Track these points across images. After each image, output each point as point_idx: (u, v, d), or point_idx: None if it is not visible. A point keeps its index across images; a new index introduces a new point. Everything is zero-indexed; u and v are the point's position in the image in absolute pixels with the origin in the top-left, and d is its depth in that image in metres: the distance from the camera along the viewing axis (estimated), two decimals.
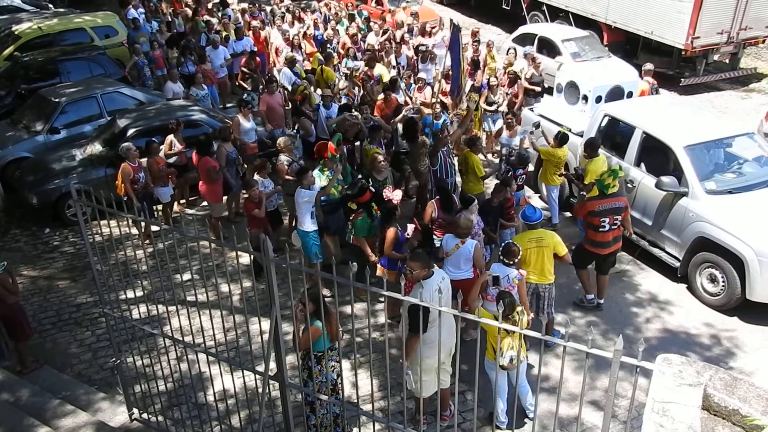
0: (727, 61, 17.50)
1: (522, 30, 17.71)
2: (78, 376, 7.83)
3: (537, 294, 7.69)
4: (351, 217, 8.63)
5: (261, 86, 14.67)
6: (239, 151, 11.01)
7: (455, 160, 10.16)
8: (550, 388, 7.48)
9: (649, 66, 13.29)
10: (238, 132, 11.17)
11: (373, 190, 8.59)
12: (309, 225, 8.67)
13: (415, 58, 15.07)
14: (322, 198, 9.16)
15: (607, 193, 8.25)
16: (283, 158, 9.84)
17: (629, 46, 17.88)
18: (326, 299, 5.24)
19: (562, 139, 10.13)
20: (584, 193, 9.07)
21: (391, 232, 7.98)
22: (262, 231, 8.62)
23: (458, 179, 10.40)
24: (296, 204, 8.67)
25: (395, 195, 8.65)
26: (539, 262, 7.57)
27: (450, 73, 11.84)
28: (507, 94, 13.24)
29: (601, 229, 8.30)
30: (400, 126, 11.02)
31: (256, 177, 9.49)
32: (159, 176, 10.11)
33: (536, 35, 16.76)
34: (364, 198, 8.46)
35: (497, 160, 12.00)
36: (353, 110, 11.41)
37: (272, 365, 5.28)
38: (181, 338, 5.81)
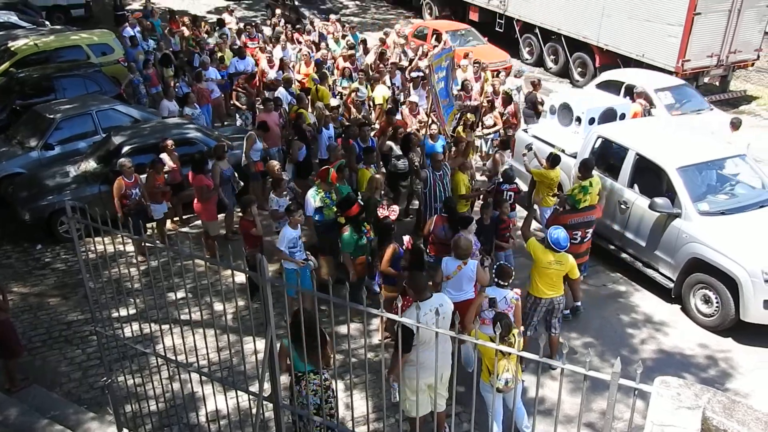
0: (717, 83, 17.68)
1: (606, 76, 15.34)
2: (67, 395, 7.73)
3: (552, 307, 7.72)
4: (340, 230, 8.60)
5: (255, 105, 14.74)
6: (247, 169, 11.13)
7: (448, 183, 10.11)
8: (546, 410, 7.44)
9: (642, 88, 13.39)
10: (250, 150, 11.22)
11: (362, 203, 8.50)
12: (289, 263, 8.31)
13: (409, 82, 15.18)
14: (317, 218, 9.14)
15: (578, 208, 8.55)
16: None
17: (620, 68, 18.03)
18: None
19: (554, 160, 10.16)
20: (558, 207, 9.26)
21: (389, 249, 7.96)
22: (258, 251, 8.57)
23: None
24: (279, 240, 8.39)
25: (392, 211, 8.63)
26: (556, 280, 7.65)
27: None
28: (503, 114, 13.35)
29: (572, 242, 8.44)
30: (396, 147, 10.99)
31: (272, 195, 9.42)
32: (153, 192, 10.08)
33: (623, 83, 14.45)
34: (352, 212, 8.41)
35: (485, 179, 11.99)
36: (350, 131, 11.46)
37: (266, 386, 5.24)
38: (173, 357, 5.76)
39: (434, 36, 19.60)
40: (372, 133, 11.74)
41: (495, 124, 13.12)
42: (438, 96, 11.20)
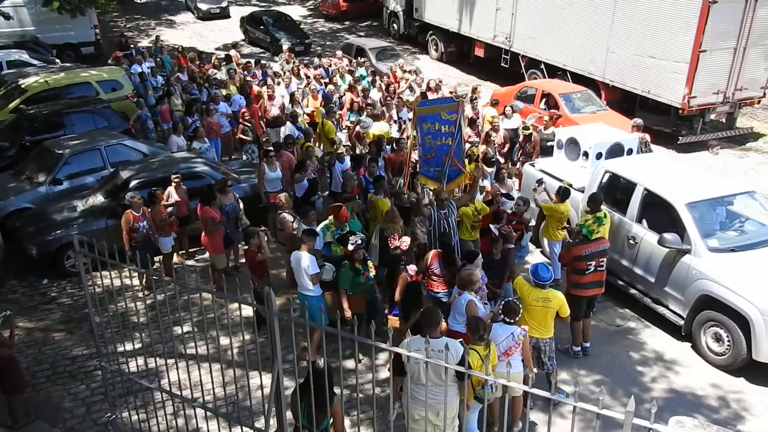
0: (723, 120, 17.71)
1: None
2: None
3: (538, 348, 7.63)
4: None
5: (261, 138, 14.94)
6: (264, 200, 11.26)
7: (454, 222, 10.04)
8: None
9: (638, 120, 13.43)
10: (263, 180, 11.23)
11: (352, 247, 8.31)
12: (309, 288, 8.36)
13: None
14: (322, 254, 9.13)
15: (591, 238, 8.59)
16: (287, 215, 9.85)
17: (626, 104, 18.13)
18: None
19: (564, 194, 10.15)
20: (569, 240, 9.28)
21: (401, 279, 7.94)
22: (266, 282, 8.54)
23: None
24: (294, 267, 8.39)
25: (403, 242, 8.61)
26: (543, 320, 7.55)
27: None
28: (522, 146, 13.58)
29: (587, 272, 8.51)
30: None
31: (301, 224, 9.50)
32: (161, 225, 10.10)
33: None
34: (346, 250, 8.42)
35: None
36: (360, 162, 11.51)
37: (272, 422, 5.16)
38: (178, 392, 5.69)
39: (543, 99, 16.59)
40: None
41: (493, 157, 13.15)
42: (428, 150, 10.24)
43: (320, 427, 5.28)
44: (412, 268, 8.34)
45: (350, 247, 8.21)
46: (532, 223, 11.19)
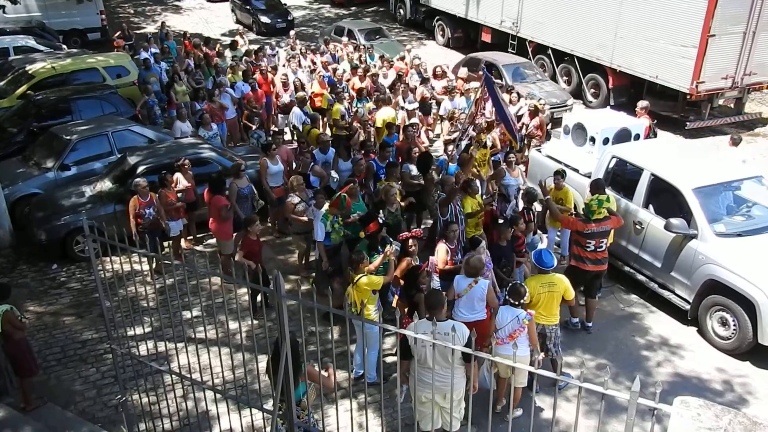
0: (732, 105, 17.62)
1: None
2: (82, 414, 7.73)
3: (543, 334, 7.65)
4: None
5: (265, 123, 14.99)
6: (268, 196, 11.19)
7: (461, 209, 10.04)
8: None
9: (643, 103, 13.35)
10: (266, 175, 11.18)
11: (381, 222, 8.47)
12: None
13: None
14: (325, 242, 9.19)
15: (591, 218, 8.69)
16: (294, 198, 9.87)
17: (634, 89, 18.04)
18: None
19: (560, 175, 10.20)
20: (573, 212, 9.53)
21: (404, 262, 7.99)
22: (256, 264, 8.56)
23: None
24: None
25: (414, 232, 8.69)
26: (549, 305, 7.58)
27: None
28: (527, 126, 13.64)
29: (586, 248, 8.72)
30: (413, 167, 10.96)
31: (312, 207, 9.63)
32: (168, 209, 10.15)
33: None
34: (369, 228, 8.46)
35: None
36: (370, 150, 11.50)
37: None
38: (188, 375, 5.75)
39: None
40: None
41: (494, 146, 13.06)
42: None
43: (296, 396, 5.29)
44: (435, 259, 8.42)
45: (380, 220, 8.28)
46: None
